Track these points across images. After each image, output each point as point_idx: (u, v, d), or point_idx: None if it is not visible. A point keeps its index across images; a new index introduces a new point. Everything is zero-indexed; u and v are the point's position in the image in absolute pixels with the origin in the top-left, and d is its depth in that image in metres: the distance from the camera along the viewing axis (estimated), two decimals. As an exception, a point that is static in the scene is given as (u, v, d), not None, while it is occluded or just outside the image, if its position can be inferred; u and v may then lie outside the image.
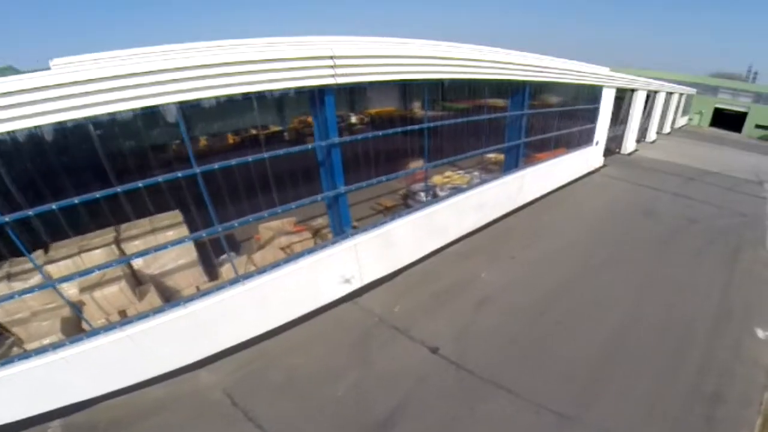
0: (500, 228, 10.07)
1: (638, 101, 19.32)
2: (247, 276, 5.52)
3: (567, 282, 7.71)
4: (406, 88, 8.00)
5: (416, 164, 10.26)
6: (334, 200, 6.54)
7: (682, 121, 37.05)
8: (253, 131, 11.93)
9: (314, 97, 5.64)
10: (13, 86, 3.20)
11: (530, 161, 11.64)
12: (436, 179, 11.56)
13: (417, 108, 16.24)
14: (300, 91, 5.48)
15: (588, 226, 10.41)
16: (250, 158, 5.21)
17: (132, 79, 3.76)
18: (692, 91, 37.79)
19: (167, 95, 4.11)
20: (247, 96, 4.76)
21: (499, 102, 9.72)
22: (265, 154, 5.33)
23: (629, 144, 20.32)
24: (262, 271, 5.67)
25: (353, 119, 18.70)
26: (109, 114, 3.86)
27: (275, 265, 5.79)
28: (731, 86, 39.63)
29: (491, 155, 14.76)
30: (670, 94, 28.21)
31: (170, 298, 5.41)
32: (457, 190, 9.05)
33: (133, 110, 4.00)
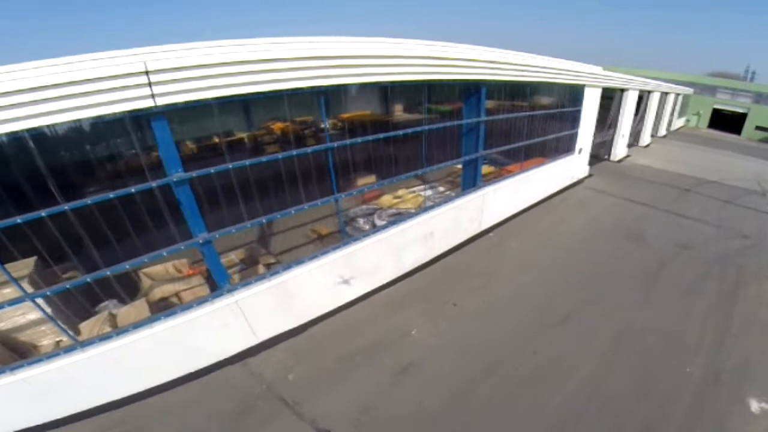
0: (451, 263, 8.46)
1: (629, 102, 17.84)
2: (87, 343, 4.44)
3: (519, 338, 6.14)
4: (387, 91, 6.84)
5: (366, 181, 8.71)
6: (201, 249, 4.91)
7: (678, 122, 35.78)
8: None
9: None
10: None
11: (497, 176, 10.08)
12: (384, 200, 10.00)
13: (399, 111, 14.89)
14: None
15: (560, 257, 8.81)
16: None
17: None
18: (689, 91, 36.55)
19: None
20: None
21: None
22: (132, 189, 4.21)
23: (619, 150, 18.84)
24: (106, 337, 4.52)
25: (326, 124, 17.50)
26: None
27: (136, 325, 4.66)
28: (730, 86, 38.40)
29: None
30: (665, 94, 26.85)
31: (26, 354, 4.72)
32: (398, 218, 7.45)
33: None
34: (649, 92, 22.06)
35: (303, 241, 8.10)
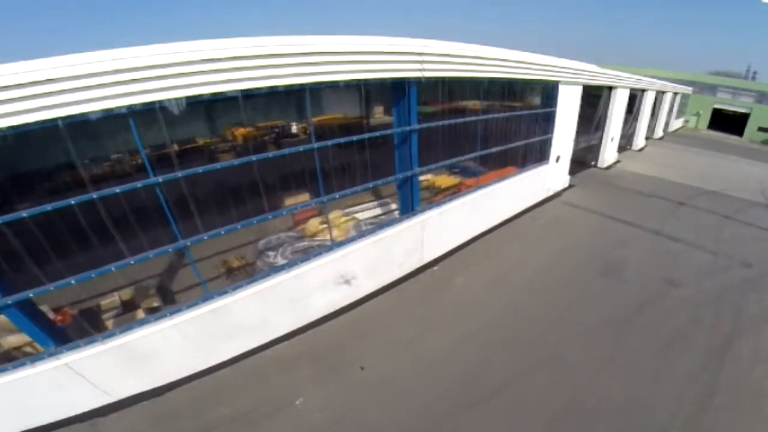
0: (375, 309, 6.84)
1: (618, 102, 16.24)
2: None
3: (430, 421, 4.55)
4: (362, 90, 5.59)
5: (299, 200, 6.87)
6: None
7: (676, 123, 34.28)
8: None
9: None
10: None
11: (456, 192, 8.48)
12: (310, 226, 8.36)
13: (379, 114, 13.30)
14: None
15: (513, 300, 7.17)
16: None
17: None
18: (688, 90, 35.06)
19: None
20: None
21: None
22: None
23: (608, 155, 17.24)
24: None
25: (294, 129, 16.20)
26: None
27: None
28: (731, 84, 36.94)
29: (429, 176, 11.78)
30: (662, 93, 25.33)
31: None
32: (304, 256, 5.83)
33: None
34: (643, 91, 20.51)
35: (212, 275, 6.56)
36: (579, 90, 12.04)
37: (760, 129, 35.30)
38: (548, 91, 10.51)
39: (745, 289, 7.89)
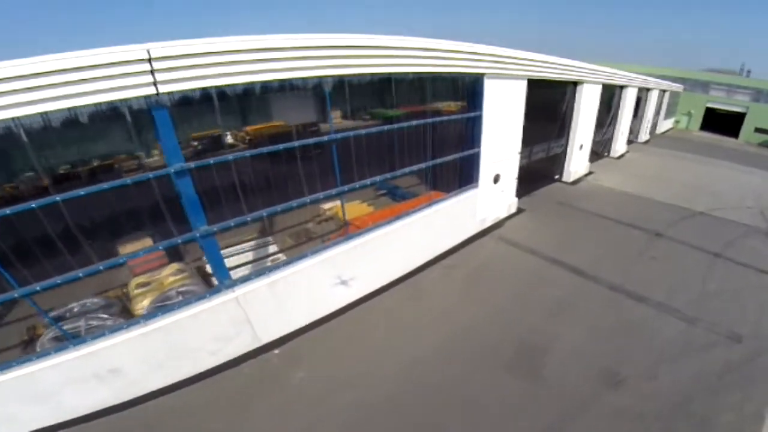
0: (154, 413, 4.28)
1: (587, 101, 13.72)
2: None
3: None
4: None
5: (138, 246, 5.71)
6: None
7: (665, 124, 32.03)
8: None
9: None
10: None
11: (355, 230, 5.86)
12: (165, 276, 5.82)
13: (337, 119, 11.67)
14: None
15: (367, 415, 4.53)
16: None
17: None
18: (678, 87, 32.86)
19: None
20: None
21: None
22: None
23: (576, 166, 14.71)
24: None
25: (229, 139, 14.32)
26: None
27: None
28: (725, 81, 34.77)
29: (328, 205, 9.34)
30: (646, 90, 22.98)
31: None
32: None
33: None
34: (622, 87, 18.06)
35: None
36: (522, 86, 9.45)
37: (758, 130, 33.18)
38: (469, 89, 7.87)
39: (726, 381, 5.35)
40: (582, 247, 9.32)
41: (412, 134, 6.88)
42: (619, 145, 19.61)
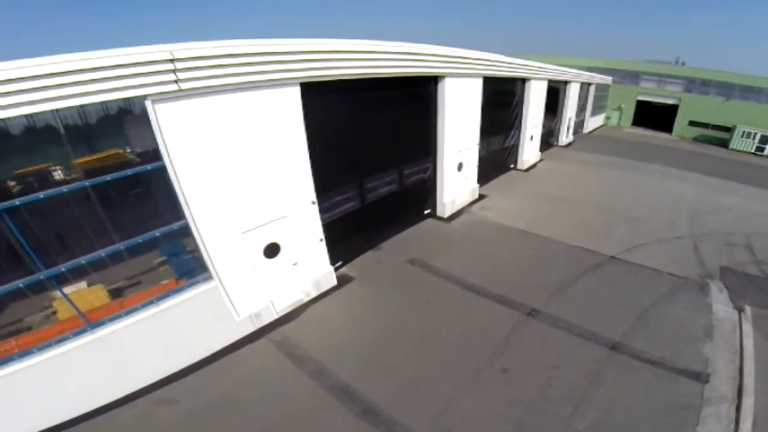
0: None
1: (454, 102, 9.98)
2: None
3: None
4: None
5: None
6: None
7: (595, 121, 29.75)
8: None
9: None
10: None
11: None
12: None
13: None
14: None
15: None
16: None
17: None
18: (607, 80, 30.76)
19: None
20: None
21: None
22: None
23: (450, 195, 10.97)
24: None
25: (59, 174, 9.52)
26: None
27: None
28: (656, 71, 33.25)
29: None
30: (564, 84, 20.03)
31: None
32: None
33: None
34: (524, 81, 14.67)
35: None
36: (292, 94, 5.45)
37: (692, 123, 31.73)
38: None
39: None
40: (400, 359, 5.77)
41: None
42: (528, 155, 16.31)
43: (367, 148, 8.03)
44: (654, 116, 33.16)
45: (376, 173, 8.66)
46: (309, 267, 7.09)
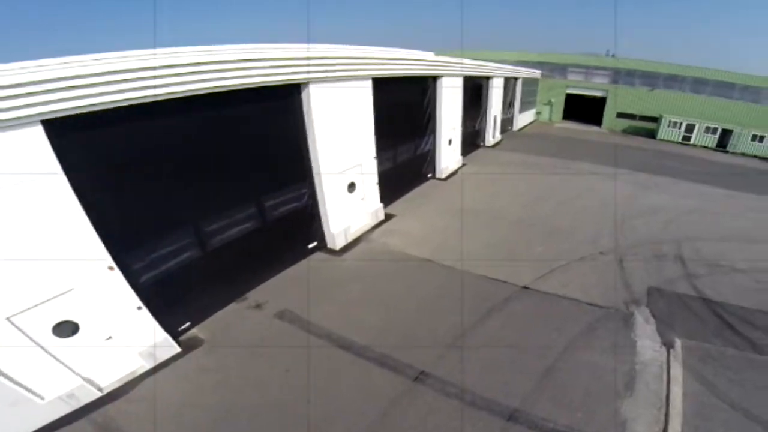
0: None
1: (330, 113, 8.30)
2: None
3: None
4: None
5: None
6: None
7: (525, 118, 29.40)
8: None
9: None
10: None
11: None
12: None
13: None
14: None
15: None
16: None
17: None
18: (536, 74, 30.58)
19: None
20: None
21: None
22: None
23: (341, 221, 9.31)
24: None
25: None
26: None
27: None
28: (583, 63, 33.72)
29: None
30: (486, 80, 19.06)
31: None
32: None
33: None
34: (435, 78, 13.28)
35: None
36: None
37: (620, 115, 32.26)
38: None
39: None
40: None
41: None
42: (448, 161, 15.02)
43: (199, 184, 6.25)
44: (584, 110, 33.46)
45: (223, 210, 6.83)
46: (132, 338, 5.34)
